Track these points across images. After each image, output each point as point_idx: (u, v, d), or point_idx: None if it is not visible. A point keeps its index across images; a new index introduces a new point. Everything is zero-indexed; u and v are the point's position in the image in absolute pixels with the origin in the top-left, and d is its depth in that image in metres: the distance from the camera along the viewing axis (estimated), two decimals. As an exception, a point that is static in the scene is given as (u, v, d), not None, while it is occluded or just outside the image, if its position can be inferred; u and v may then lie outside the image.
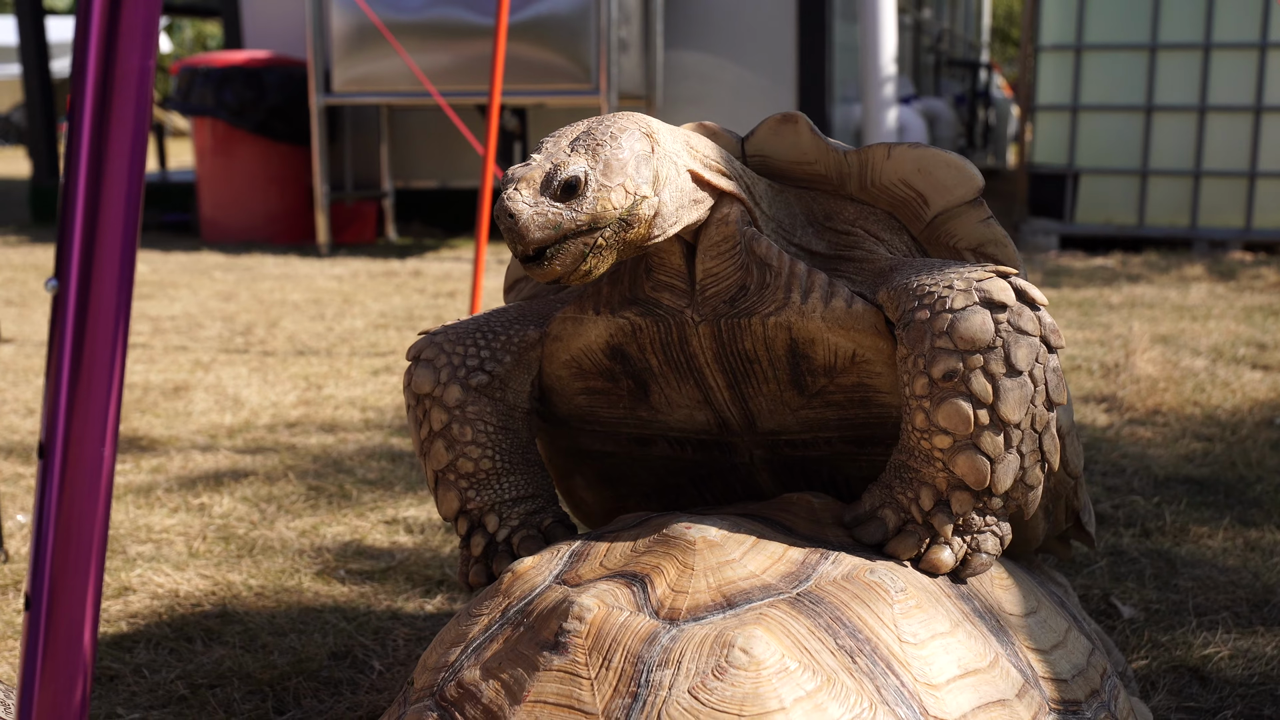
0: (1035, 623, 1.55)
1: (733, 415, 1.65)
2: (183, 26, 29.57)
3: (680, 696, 1.30)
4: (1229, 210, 8.26)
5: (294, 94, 9.09)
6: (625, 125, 1.43)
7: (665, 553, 1.47)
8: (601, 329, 1.60)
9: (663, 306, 1.56)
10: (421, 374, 1.65)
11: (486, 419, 1.65)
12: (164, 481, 3.26)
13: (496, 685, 1.40)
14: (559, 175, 1.37)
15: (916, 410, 1.45)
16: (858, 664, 1.34)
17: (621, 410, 1.69)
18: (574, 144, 1.41)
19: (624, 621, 1.38)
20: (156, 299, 6.49)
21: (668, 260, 1.55)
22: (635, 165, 1.40)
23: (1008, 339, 1.41)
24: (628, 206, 1.40)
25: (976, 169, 1.59)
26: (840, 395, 1.58)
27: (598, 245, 1.40)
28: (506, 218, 1.36)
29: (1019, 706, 1.40)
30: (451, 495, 1.67)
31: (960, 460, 1.44)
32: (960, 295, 1.43)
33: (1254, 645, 2.25)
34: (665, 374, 1.62)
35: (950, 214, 1.60)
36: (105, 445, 0.99)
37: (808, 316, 1.51)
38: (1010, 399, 1.42)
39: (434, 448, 1.66)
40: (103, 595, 2.45)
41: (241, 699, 2.09)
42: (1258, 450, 3.41)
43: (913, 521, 1.50)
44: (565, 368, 1.66)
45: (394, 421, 3.89)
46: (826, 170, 1.62)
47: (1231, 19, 8.07)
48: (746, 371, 1.58)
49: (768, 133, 1.62)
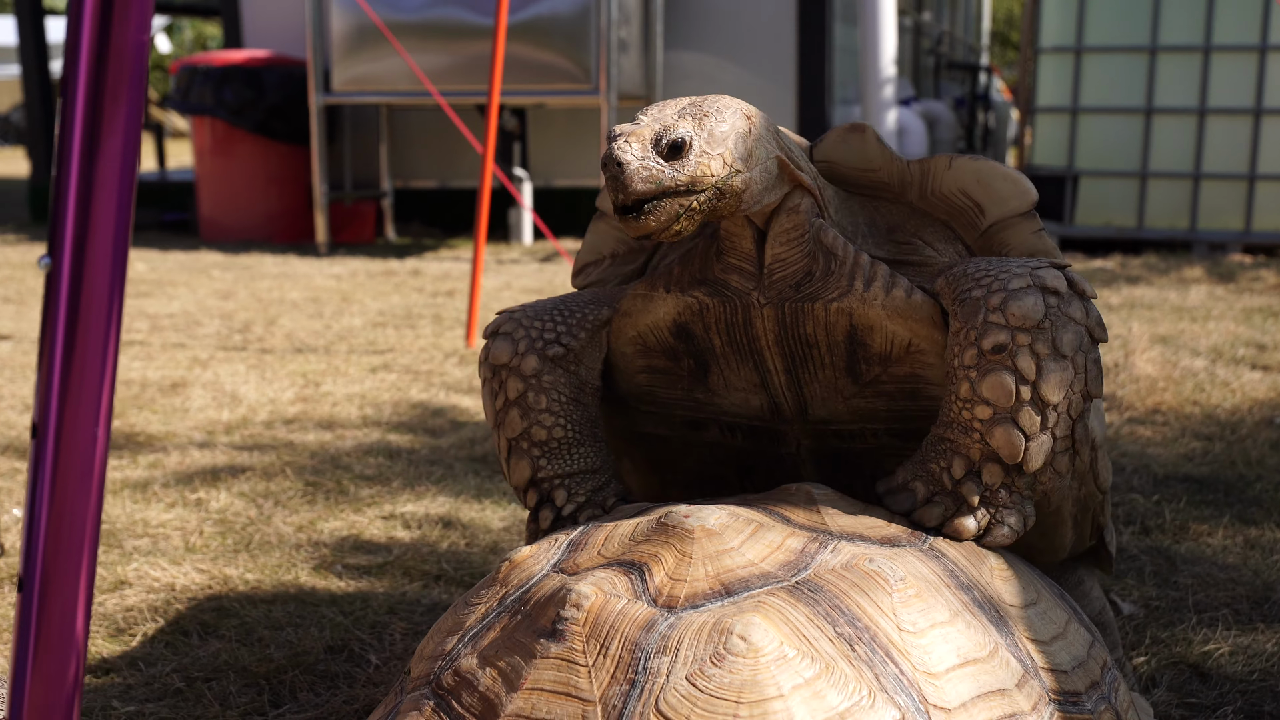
0: (1035, 614, 1.55)
1: (786, 400, 1.71)
2: (182, 27, 29.58)
3: (678, 683, 1.29)
4: (1229, 213, 8.26)
5: (293, 93, 9.08)
6: (729, 104, 1.52)
7: (664, 541, 1.46)
8: (670, 306, 1.67)
9: (730, 288, 1.63)
10: (500, 345, 1.72)
11: (560, 389, 1.71)
12: (161, 477, 3.25)
13: (493, 673, 1.39)
14: (668, 135, 1.44)
15: (963, 380, 1.51)
16: (857, 652, 1.33)
17: (679, 391, 1.76)
18: (681, 112, 1.49)
19: (622, 609, 1.37)
20: (154, 297, 6.48)
21: (739, 244, 1.62)
22: (735, 140, 1.49)
23: (1056, 322, 1.49)
24: (724, 176, 1.48)
25: (1030, 184, 1.67)
26: (892, 385, 1.65)
27: (691, 208, 1.47)
28: (615, 165, 1.42)
29: (1018, 696, 1.39)
30: (524, 464, 1.73)
31: (998, 432, 1.50)
32: (1017, 278, 1.51)
33: (1254, 642, 2.24)
34: (726, 355, 1.68)
35: (1004, 224, 1.67)
36: (99, 426, 0.98)
37: (869, 304, 1.58)
38: (1052, 379, 1.48)
39: (509, 416, 1.71)
40: (99, 589, 2.45)
41: (238, 692, 2.08)
42: (1257, 449, 3.41)
43: (941, 491, 1.55)
44: (631, 344, 1.73)
45: (392, 418, 3.88)
46: (889, 178, 1.69)
47: (1231, 21, 8.07)
48: (805, 356, 1.65)
49: (836, 141, 1.70)
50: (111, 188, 0.94)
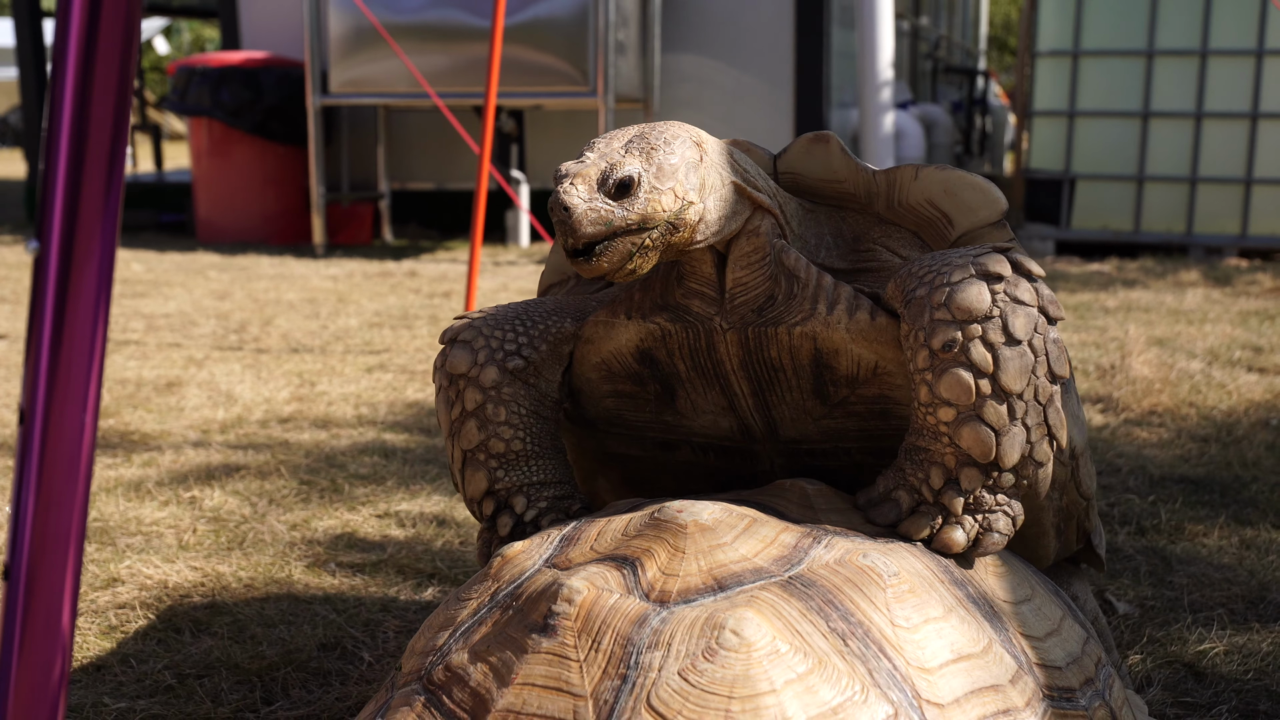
0: (1029, 610, 1.54)
1: (756, 422, 1.67)
2: (181, 30, 29.58)
3: (670, 678, 1.28)
4: (1225, 217, 8.27)
5: (291, 94, 9.08)
6: (677, 133, 1.48)
7: (656, 536, 1.46)
8: (632, 333, 1.63)
9: (692, 313, 1.60)
10: (458, 355, 1.67)
11: (520, 402, 1.67)
12: (154, 475, 3.24)
13: (484, 668, 1.38)
14: (614, 174, 1.41)
15: (920, 384, 1.47)
16: (850, 647, 1.33)
17: (648, 414, 1.72)
18: (628, 146, 1.45)
19: (614, 604, 1.36)
20: (150, 297, 6.48)
21: (699, 269, 1.59)
22: (685, 171, 1.45)
23: (1005, 308, 1.43)
24: (676, 210, 1.45)
25: (1000, 192, 1.62)
26: (862, 406, 1.61)
27: (645, 245, 1.44)
28: (561, 210, 1.40)
29: (1012, 692, 1.38)
30: (480, 475, 1.68)
31: (965, 432, 1.44)
32: (958, 270, 1.46)
33: (1249, 641, 2.23)
34: (692, 379, 1.65)
35: (974, 235, 1.63)
36: (86, 412, 0.98)
37: (832, 327, 1.54)
38: (1010, 368, 1.43)
39: (465, 427, 1.67)
40: (91, 586, 2.44)
41: (229, 689, 2.07)
42: (1254, 450, 3.40)
43: (925, 502, 1.50)
44: (595, 370, 1.69)
45: (387, 418, 3.87)
46: (855, 189, 1.66)
47: (1228, 25, 8.08)
48: (771, 380, 1.61)
49: (800, 151, 1.67)
50: (100, 172, 0.93)
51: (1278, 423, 3.71)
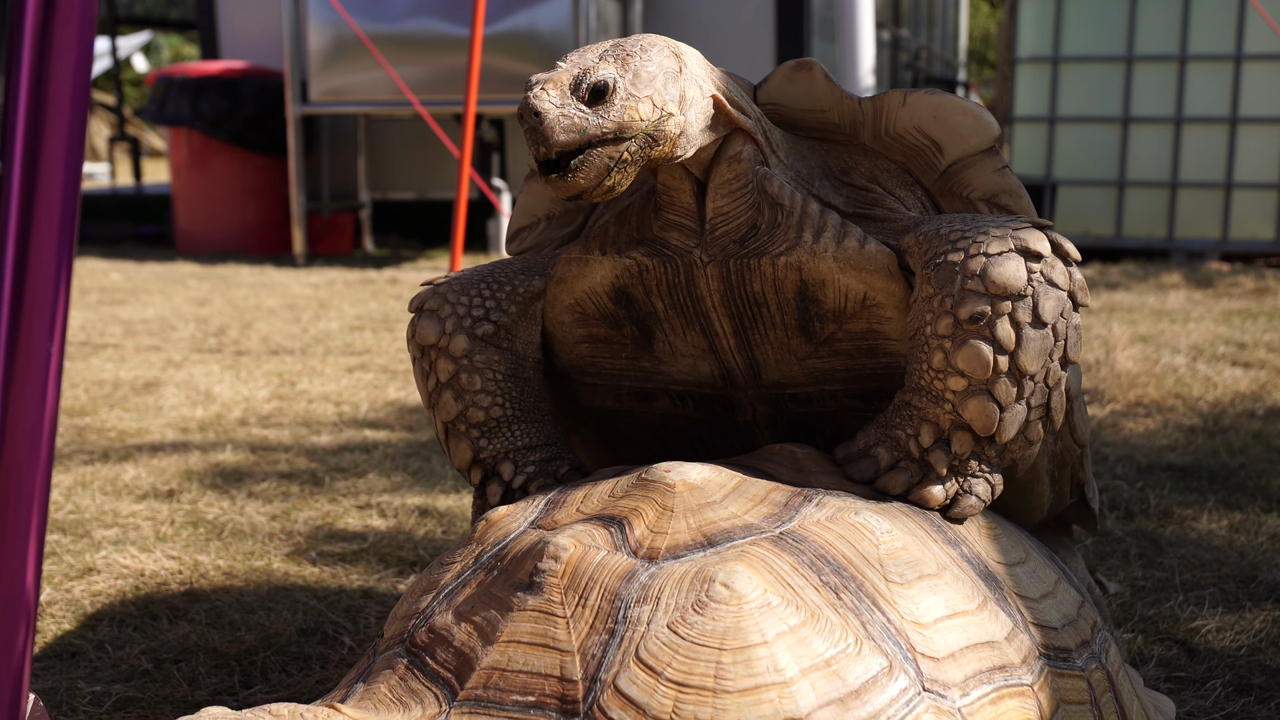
0: (1024, 572, 1.51)
1: (737, 365, 1.61)
2: (160, 47, 29.49)
3: (659, 631, 1.25)
4: (1206, 221, 8.29)
5: (270, 104, 9.04)
6: (654, 41, 1.41)
7: (644, 496, 1.42)
8: (607, 269, 1.56)
9: (671, 246, 1.53)
10: (426, 325, 1.62)
11: (495, 367, 1.61)
12: (131, 471, 3.19)
13: (469, 628, 1.35)
14: (588, 79, 1.34)
15: (936, 350, 1.42)
16: (843, 600, 1.30)
17: (624, 360, 1.65)
18: (602, 55, 1.38)
19: (601, 560, 1.33)
20: (129, 304, 6.42)
21: (677, 199, 1.52)
22: (663, 80, 1.38)
23: (1038, 289, 1.39)
24: (654, 120, 1.37)
25: (992, 117, 1.56)
26: (849, 343, 1.55)
27: (622, 159, 1.37)
28: (531, 116, 1.32)
29: (1008, 649, 1.36)
30: (464, 445, 1.63)
31: (971, 404, 1.41)
32: (996, 241, 1.41)
33: (1241, 619, 2.21)
34: (670, 319, 1.58)
35: (965, 163, 1.57)
36: (53, 343, 0.94)
37: (819, 256, 1.48)
38: (1031, 349, 1.39)
39: (442, 399, 1.62)
40: (66, 576, 2.39)
41: (207, 673, 2.03)
42: (1240, 439, 3.39)
43: (907, 458, 1.47)
44: (568, 312, 1.63)
45: (368, 415, 3.83)
46: (840, 119, 1.59)
47: (1207, 31, 8.11)
48: (754, 316, 1.55)
49: (781, 80, 1.58)
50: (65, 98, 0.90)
51: (1264, 412, 3.70)
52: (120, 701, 1.92)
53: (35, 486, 1.11)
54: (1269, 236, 8.15)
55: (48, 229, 0.91)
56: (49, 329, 0.95)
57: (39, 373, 0.97)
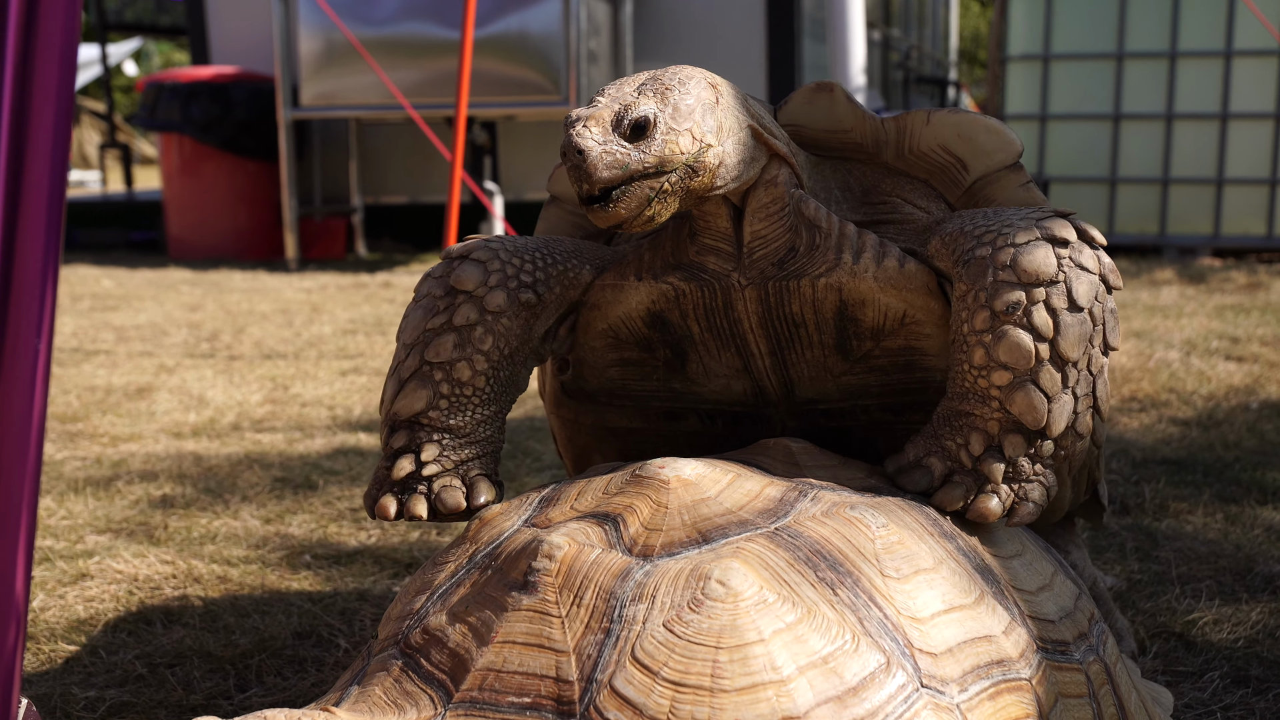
0: (1020, 565, 1.51)
1: (771, 383, 1.62)
2: (150, 54, 29.45)
3: (655, 630, 1.24)
4: (1197, 217, 8.29)
5: (262, 109, 9.02)
6: (691, 74, 1.43)
7: (638, 492, 1.42)
8: (643, 295, 1.57)
9: (708, 270, 1.54)
10: (468, 269, 1.55)
11: (509, 338, 1.55)
12: (125, 475, 3.18)
13: (463, 629, 1.34)
14: (629, 115, 1.36)
15: (976, 347, 1.42)
16: (839, 596, 1.29)
17: (655, 382, 1.65)
18: (640, 88, 1.40)
19: (596, 559, 1.33)
20: (121, 310, 6.40)
21: (714, 223, 1.53)
22: (702, 113, 1.40)
23: (1069, 274, 1.40)
24: (694, 153, 1.39)
25: (1015, 134, 1.58)
26: (885, 360, 1.56)
27: (663, 190, 1.38)
28: (575, 154, 1.34)
29: (1005, 643, 1.35)
30: (423, 394, 1.53)
31: (1018, 397, 1.40)
32: (1022, 231, 1.42)
33: (1238, 611, 2.21)
34: (706, 341, 1.59)
35: (989, 179, 1.59)
36: (40, 339, 0.93)
37: (859, 277, 1.50)
38: (1070, 335, 1.40)
39: (442, 339, 1.53)
40: (59, 583, 2.38)
41: (202, 677, 2.02)
42: (1235, 433, 3.39)
43: (960, 469, 1.45)
44: (601, 338, 1.63)
45: (362, 419, 3.82)
46: (862, 138, 1.61)
47: (1197, 27, 8.12)
48: (791, 336, 1.56)
49: (802, 102, 1.61)
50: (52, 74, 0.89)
51: (1258, 406, 3.70)
52: (114, 707, 1.91)
53: (24, 485, 1.10)
54: (1260, 232, 8.16)
55: (34, 217, 0.90)
56: (36, 325, 0.94)
57: (27, 371, 0.96)
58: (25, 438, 1.04)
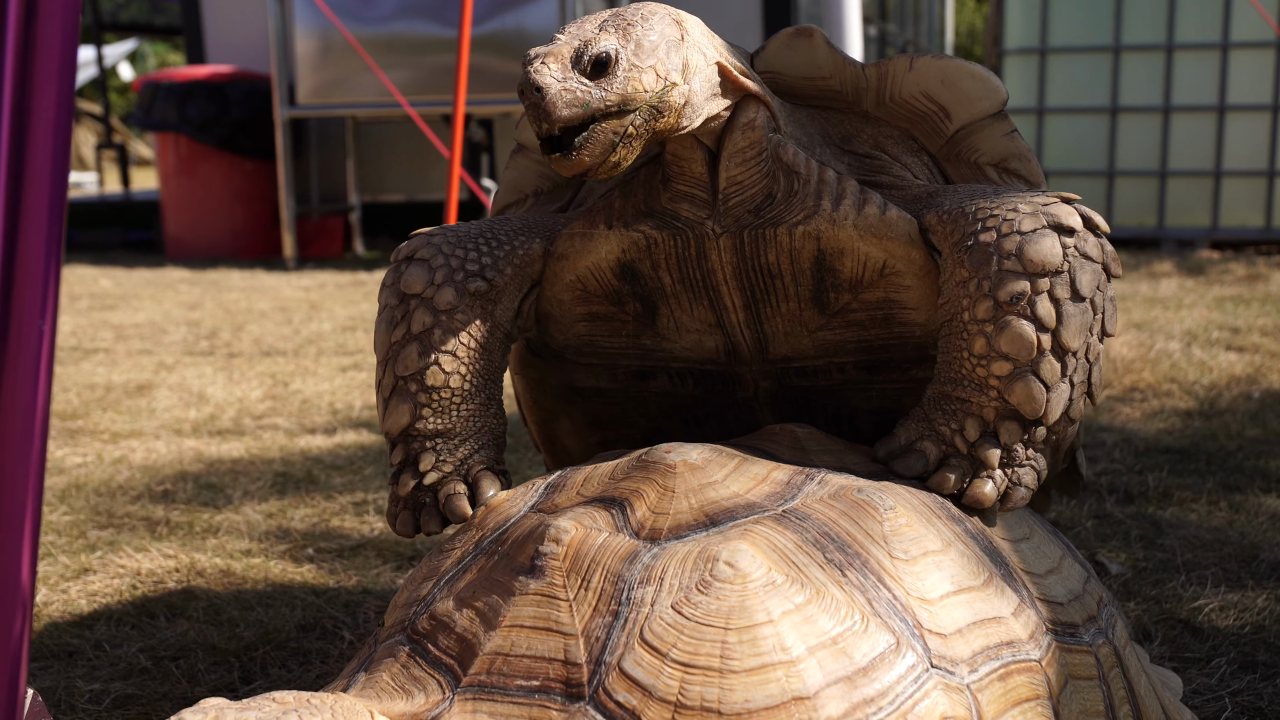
0: (1029, 548, 1.50)
1: (744, 339, 1.56)
2: (146, 55, 29.43)
3: (663, 612, 1.24)
4: (1196, 209, 8.29)
5: (258, 108, 9.01)
6: (655, 9, 1.37)
7: (645, 477, 1.41)
8: (613, 244, 1.51)
9: (681, 218, 1.49)
10: (414, 272, 1.50)
11: (472, 331, 1.51)
12: (126, 471, 3.17)
13: (470, 614, 1.33)
14: (589, 51, 1.30)
15: (977, 335, 1.39)
16: (848, 578, 1.28)
17: (624, 339, 1.60)
18: (602, 25, 1.34)
19: (603, 542, 1.32)
20: (120, 309, 6.39)
21: (688, 168, 1.47)
22: (666, 49, 1.34)
23: (1074, 264, 1.38)
24: (659, 91, 1.33)
25: (1000, 81, 1.53)
26: (862, 313, 1.52)
27: (627, 133, 1.33)
28: (533, 92, 1.28)
29: (1015, 624, 1.34)
30: (405, 409, 1.50)
31: (1018, 388, 1.39)
32: (1028, 218, 1.38)
33: (1244, 598, 2.20)
34: (678, 293, 1.53)
35: (973, 128, 1.54)
36: (45, 321, 0.93)
37: (839, 224, 1.45)
38: (1072, 325, 1.38)
39: (406, 351, 1.50)
40: (61, 577, 2.38)
41: (206, 670, 2.01)
42: (1237, 422, 3.39)
43: (956, 454, 1.44)
44: (569, 290, 1.56)
45: (362, 414, 3.81)
46: (842, 85, 1.55)
47: (1193, 19, 8.12)
48: (767, 288, 1.51)
49: (780, 48, 1.54)
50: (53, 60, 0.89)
51: (1260, 395, 3.70)
52: (119, 699, 1.90)
53: (29, 476, 1.09)
54: (1259, 224, 8.16)
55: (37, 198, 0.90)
56: (40, 308, 0.93)
57: (31, 358, 0.96)
58: (30, 428, 1.04)
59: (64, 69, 1.02)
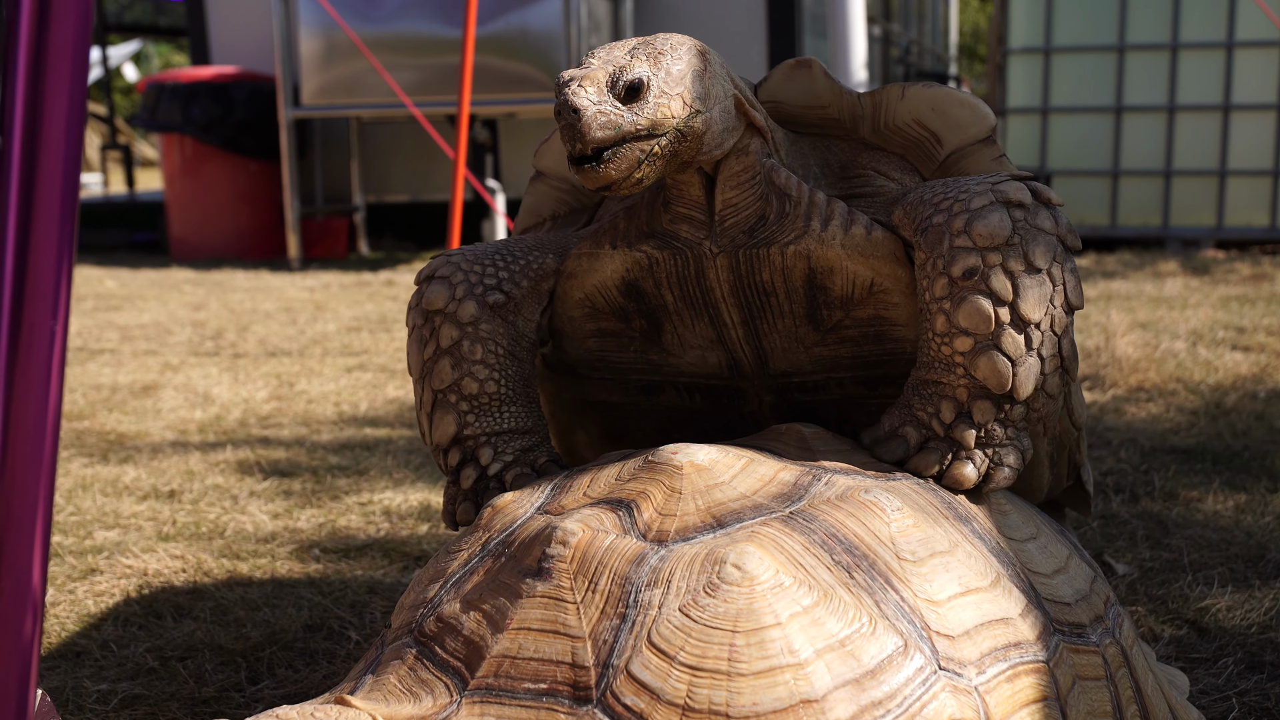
0: (1036, 548, 1.50)
1: (745, 355, 1.63)
2: (150, 57, 29.46)
3: (671, 615, 1.24)
4: (1201, 209, 8.29)
5: (262, 109, 9.02)
6: (682, 40, 1.44)
7: (651, 479, 1.41)
8: (618, 263, 1.59)
9: (680, 239, 1.55)
10: (436, 290, 1.60)
11: (498, 340, 1.60)
12: (132, 472, 3.18)
13: (478, 616, 1.33)
14: (624, 76, 1.37)
15: (937, 314, 1.44)
16: (855, 579, 1.28)
17: (632, 353, 1.67)
18: (632, 52, 1.41)
19: (610, 544, 1.32)
20: (125, 310, 6.40)
21: (687, 191, 1.54)
22: (692, 79, 1.42)
23: (1025, 236, 1.42)
24: (685, 117, 1.41)
25: (988, 108, 1.60)
26: (855, 330, 1.58)
27: (653, 154, 1.40)
28: (570, 113, 1.35)
29: (1023, 625, 1.34)
30: (450, 419, 1.60)
31: (981, 362, 1.42)
32: (978, 197, 1.44)
33: (1251, 598, 2.20)
34: (680, 311, 1.60)
35: (963, 153, 1.60)
36: (56, 321, 0.93)
37: (827, 244, 1.50)
38: (1030, 296, 1.41)
39: (439, 366, 1.60)
40: (69, 578, 2.38)
41: (213, 670, 2.01)
42: (1243, 421, 3.38)
43: (934, 437, 1.47)
44: (579, 307, 1.65)
45: (368, 413, 3.82)
46: (839, 114, 1.62)
47: (1198, 19, 8.11)
48: (762, 305, 1.57)
49: (781, 78, 1.62)
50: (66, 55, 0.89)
51: (1265, 394, 3.69)
52: (127, 699, 1.91)
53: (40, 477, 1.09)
54: (1264, 223, 8.15)
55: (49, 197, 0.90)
56: (52, 309, 0.94)
57: (42, 360, 0.96)
58: (41, 428, 1.04)
59: (76, 72, 1.02)
